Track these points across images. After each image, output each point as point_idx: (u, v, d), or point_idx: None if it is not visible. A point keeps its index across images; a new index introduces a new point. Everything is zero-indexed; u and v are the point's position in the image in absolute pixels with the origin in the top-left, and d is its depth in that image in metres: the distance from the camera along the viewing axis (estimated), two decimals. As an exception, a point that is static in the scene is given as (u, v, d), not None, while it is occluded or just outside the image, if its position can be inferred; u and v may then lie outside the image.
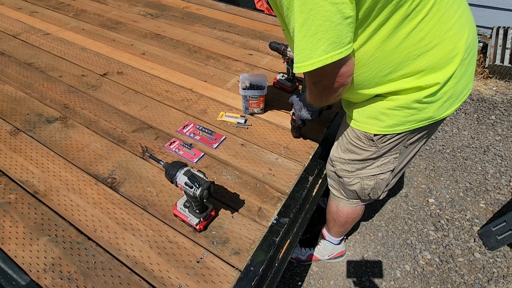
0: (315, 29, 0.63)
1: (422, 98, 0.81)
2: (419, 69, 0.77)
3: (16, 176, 1.11)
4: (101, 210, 1.01)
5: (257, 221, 1.00)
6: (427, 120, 0.86)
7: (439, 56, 0.76)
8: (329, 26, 0.63)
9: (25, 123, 1.33)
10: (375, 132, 0.91)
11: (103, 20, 2.21)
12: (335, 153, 1.10)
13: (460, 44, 0.78)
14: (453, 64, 0.78)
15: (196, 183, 0.82)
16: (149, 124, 1.35)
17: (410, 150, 1.01)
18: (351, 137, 1.00)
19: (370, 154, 0.98)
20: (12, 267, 0.86)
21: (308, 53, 0.67)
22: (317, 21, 0.62)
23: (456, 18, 0.75)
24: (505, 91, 2.89)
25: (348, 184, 1.11)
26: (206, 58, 1.82)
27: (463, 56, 0.79)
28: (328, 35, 0.64)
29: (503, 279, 1.56)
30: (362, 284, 1.57)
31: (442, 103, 0.84)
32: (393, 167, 1.02)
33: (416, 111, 0.84)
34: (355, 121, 0.95)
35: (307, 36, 0.65)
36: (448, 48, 0.76)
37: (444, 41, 0.75)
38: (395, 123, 0.88)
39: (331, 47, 0.65)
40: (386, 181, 1.07)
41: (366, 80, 0.81)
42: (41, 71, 1.65)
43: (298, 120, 1.17)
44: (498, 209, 1.88)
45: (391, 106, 0.85)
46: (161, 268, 0.88)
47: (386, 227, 1.81)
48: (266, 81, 1.33)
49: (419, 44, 0.74)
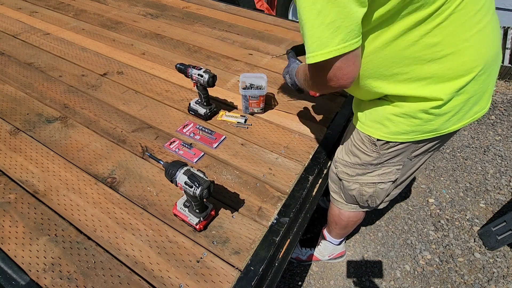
0: (334, 16, 0.61)
1: (428, 108, 0.78)
2: (427, 76, 0.75)
3: (16, 176, 1.11)
4: (101, 210, 1.01)
5: (257, 220, 1.00)
6: (432, 132, 0.84)
7: (449, 66, 0.73)
8: (348, 13, 0.61)
9: (25, 123, 1.33)
10: (378, 137, 0.90)
11: (103, 20, 2.21)
12: (339, 154, 1.09)
13: (477, 58, 0.74)
14: (464, 78, 0.75)
15: (196, 183, 0.82)
16: (149, 124, 1.35)
17: (415, 163, 0.99)
18: (355, 139, 0.99)
19: (371, 159, 0.97)
20: (12, 267, 0.86)
21: (326, 41, 0.64)
22: (336, 7, 0.60)
23: (477, 30, 0.71)
24: (505, 91, 2.89)
25: (347, 188, 1.11)
26: (206, 58, 1.82)
27: (479, 72, 0.75)
28: (347, 23, 0.62)
29: (503, 279, 1.56)
30: (362, 284, 1.57)
31: (450, 117, 0.81)
32: (394, 178, 1.01)
33: (421, 122, 0.82)
34: (361, 123, 0.94)
35: (324, 24, 0.62)
36: (461, 60, 0.73)
37: (459, 52, 0.72)
38: (398, 131, 0.86)
39: (350, 36, 0.63)
40: (385, 191, 1.06)
41: (371, 74, 0.79)
42: (41, 71, 1.65)
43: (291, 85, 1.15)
44: (498, 209, 1.88)
45: (396, 112, 0.83)
46: (161, 268, 0.87)
47: (386, 227, 1.81)
48: (266, 81, 1.33)
49: (431, 50, 0.71)
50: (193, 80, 1.26)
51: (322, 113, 1.43)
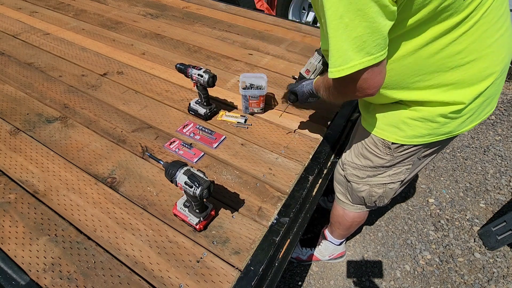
0: (362, 31, 0.60)
1: (447, 113, 0.78)
2: (449, 82, 0.75)
3: (16, 176, 1.11)
4: (101, 210, 1.01)
5: (257, 220, 1.00)
6: (446, 134, 0.85)
7: (472, 72, 0.73)
8: (376, 27, 0.60)
9: (25, 123, 1.33)
10: (394, 140, 0.89)
11: (103, 20, 2.21)
12: (347, 157, 1.09)
13: (497, 63, 0.75)
14: (485, 82, 0.75)
15: (196, 183, 0.82)
16: (149, 124, 1.35)
17: (422, 162, 1.00)
18: (367, 142, 0.98)
19: (385, 162, 0.96)
20: (12, 267, 0.86)
21: (351, 55, 0.63)
22: (364, 22, 0.59)
23: (498, 36, 0.72)
24: (505, 91, 2.89)
25: (357, 190, 1.10)
26: (206, 58, 1.82)
27: (497, 76, 0.76)
28: (374, 37, 0.61)
29: (503, 279, 1.56)
30: (362, 284, 1.57)
31: (465, 120, 0.82)
32: (404, 177, 1.01)
33: (438, 125, 0.82)
34: (374, 127, 0.93)
35: (350, 37, 0.61)
36: (483, 65, 0.73)
37: (481, 58, 0.72)
38: (415, 134, 0.85)
39: (375, 49, 0.62)
40: (394, 190, 1.06)
41: (392, 83, 0.79)
42: (41, 71, 1.65)
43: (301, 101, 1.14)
44: (498, 209, 1.88)
45: (414, 117, 0.83)
46: (161, 268, 0.87)
47: (386, 227, 1.81)
48: (266, 81, 1.33)
49: (455, 57, 0.71)
50: (193, 80, 1.26)
51: (322, 113, 1.43)
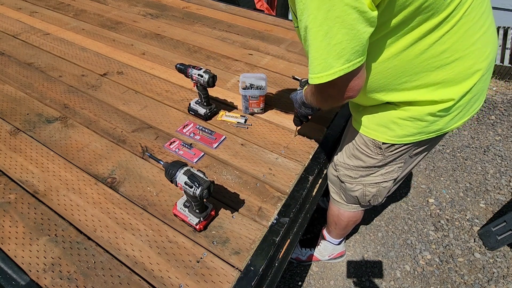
0: (341, 38, 0.60)
1: (436, 111, 0.79)
2: (436, 82, 0.75)
3: (16, 176, 1.11)
4: (101, 210, 1.01)
5: (257, 221, 1.00)
6: (436, 132, 0.85)
7: (458, 70, 0.74)
8: (355, 34, 0.60)
9: (25, 123, 1.33)
10: (384, 140, 0.90)
11: (103, 20, 2.21)
12: (339, 158, 1.09)
13: (482, 60, 0.75)
14: (471, 79, 0.76)
15: (196, 183, 0.82)
16: (149, 124, 1.35)
17: (413, 160, 1.00)
18: (358, 143, 0.98)
19: (376, 162, 0.97)
20: (12, 267, 0.86)
21: (331, 62, 0.63)
22: (343, 29, 0.59)
23: (481, 33, 0.73)
24: (505, 91, 2.89)
25: (350, 190, 1.11)
26: (206, 58, 1.82)
27: (483, 72, 0.77)
28: (353, 44, 0.61)
29: (503, 279, 1.56)
30: (362, 284, 1.57)
31: (454, 117, 0.83)
32: (396, 176, 1.01)
33: (427, 124, 0.83)
34: (364, 127, 0.94)
35: (330, 45, 0.61)
36: (469, 63, 0.74)
37: (466, 56, 0.73)
38: (405, 134, 0.86)
39: (354, 56, 0.62)
40: (387, 188, 1.07)
41: (380, 86, 0.79)
42: (41, 71, 1.65)
43: (301, 117, 1.17)
44: (498, 209, 1.88)
45: (403, 116, 0.83)
46: (161, 268, 0.87)
47: (386, 227, 1.81)
48: (266, 81, 1.33)
49: (440, 57, 0.71)
50: (193, 80, 1.26)
51: (322, 113, 1.43)
